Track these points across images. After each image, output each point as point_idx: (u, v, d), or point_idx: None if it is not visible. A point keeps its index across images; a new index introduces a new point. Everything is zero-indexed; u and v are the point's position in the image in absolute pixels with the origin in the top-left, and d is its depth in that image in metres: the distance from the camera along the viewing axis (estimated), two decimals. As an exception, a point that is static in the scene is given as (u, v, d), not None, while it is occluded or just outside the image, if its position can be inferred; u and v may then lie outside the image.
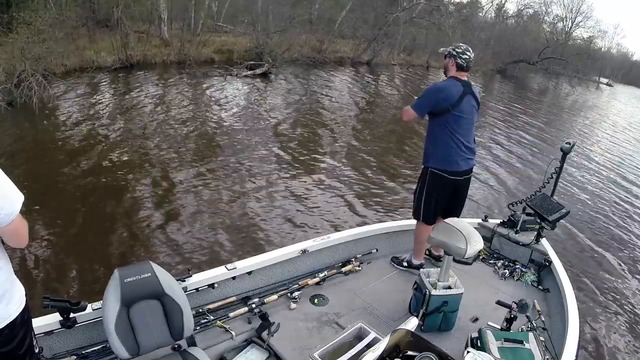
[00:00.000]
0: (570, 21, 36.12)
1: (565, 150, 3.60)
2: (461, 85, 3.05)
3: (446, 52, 3.14)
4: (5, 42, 9.41)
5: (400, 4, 22.31)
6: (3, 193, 1.37)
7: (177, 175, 6.28)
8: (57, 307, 2.06)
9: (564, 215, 3.49)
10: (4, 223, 1.38)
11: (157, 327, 2.05)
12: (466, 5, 32.58)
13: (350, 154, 8.32)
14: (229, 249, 4.64)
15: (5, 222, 1.38)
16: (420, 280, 2.80)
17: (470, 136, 3.15)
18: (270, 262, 2.96)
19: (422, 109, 3.11)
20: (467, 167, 3.17)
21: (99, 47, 13.30)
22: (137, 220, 5.01)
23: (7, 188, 1.39)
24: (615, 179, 9.94)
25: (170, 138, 7.82)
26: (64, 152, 6.68)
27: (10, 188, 1.41)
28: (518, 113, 16.41)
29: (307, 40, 19.78)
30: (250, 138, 8.35)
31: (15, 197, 1.41)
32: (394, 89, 17.59)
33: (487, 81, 25.07)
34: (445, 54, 3.14)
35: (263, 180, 6.45)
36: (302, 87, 14.63)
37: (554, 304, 3.13)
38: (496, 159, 9.44)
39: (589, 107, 24.64)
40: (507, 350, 2.26)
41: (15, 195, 1.42)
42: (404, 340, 2.02)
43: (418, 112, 3.11)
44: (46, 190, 5.40)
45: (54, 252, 4.22)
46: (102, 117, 8.67)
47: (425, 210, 3.25)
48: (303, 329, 2.69)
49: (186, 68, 13.90)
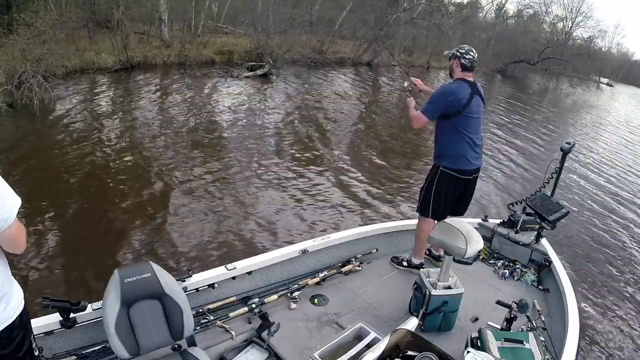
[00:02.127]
0: (571, 21, 36.06)
1: (566, 150, 3.61)
2: (468, 87, 3.07)
3: (450, 54, 3.17)
4: (5, 43, 9.44)
5: (401, 4, 22.31)
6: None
7: (178, 175, 6.28)
8: (57, 307, 2.06)
9: (564, 215, 3.49)
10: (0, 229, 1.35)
11: (157, 327, 2.05)
12: (466, 6, 32.58)
13: (350, 154, 8.32)
14: (229, 248, 4.64)
15: (1, 229, 1.35)
16: (420, 280, 2.80)
17: (478, 134, 3.18)
18: (270, 262, 2.96)
19: (432, 114, 3.13)
20: (477, 165, 3.21)
21: (99, 49, 13.34)
22: (138, 220, 5.01)
23: (3, 195, 1.35)
24: (616, 178, 9.92)
25: (171, 139, 7.83)
26: (64, 153, 6.68)
27: (6, 194, 1.37)
28: (518, 113, 16.39)
29: (307, 41, 19.81)
30: (251, 139, 8.36)
31: (11, 203, 1.37)
32: (395, 89, 17.58)
33: (488, 81, 25.04)
34: (450, 55, 3.17)
35: (264, 181, 6.45)
36: (302, 88, 14.63)
37: (554, 304, 3.13)
38: (496, 159, 9.44)
39: (590, 107, 24.60)
40: (507, 350, 2.26)
41: (11, 201, 1.38)
42: (404, 340, 2.02)
43: (429, 116, 3.14)
44: (46, 191, 5.39)
45: (54, 252, 4.22)
46: (102, 118, 8.68)
47: (434, 208, 3.26)
48: (303, 329, 2.69)
49: (187, 69, 13.90)
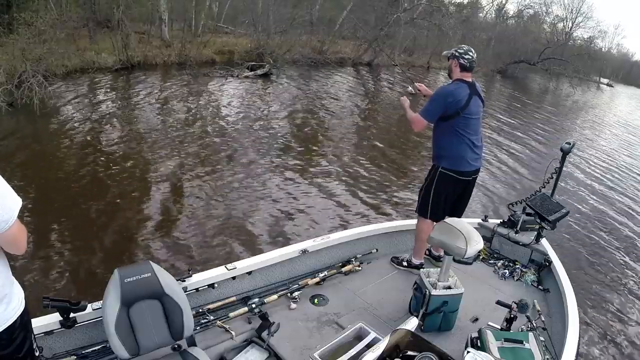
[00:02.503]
0: (571, 22, 36.07)
1: (565, 150, 3.60)
2: (467, 87, 3.05)
3: (449, 54, 3.15)
4: (6, 42, 9.43)
5: (401, 4, 22.30)
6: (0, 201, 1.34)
7: (178, 175, 6.28)
8: (57, 307, 2.06)
9: (564, 215, 3.49)
10: (0, 230, 1.35)
11: (157, 327, 2.05)
12: (467, 6, 32.57)
13: (351, 154, 8.32)
14: (229, 248, 4.64)
15: (2, 230, 1.35)
16: (420, 280, 2.80)
17: (478, 135, 3.16)
18: (270, 262, 2.96)
19: (432, 116, 3.11)
20: (476, 167, 3.20)
21: (99, 48, 13.35)
22: (138, 220, 5.02)
23: (3, 195, 1.35)
24: (616, 178, 9.92)
25: (171, 139, 7.83)
26: (64, 153, 6.68)
27: (7, 194, 1.37)
28: (518, 113, 16.39)
29: (307, 41, 19.81)
30: (251, 139, 8.36)
31: (12, 203, 1.38)
32: (396, 90, 17.58)
33: (488, 82, 25.04)
34: (448, 56, 3.15)
35: (264, 180, 6.45)
36: (303, 88, 14.63)
37: (554, 304, 3.13)
38: (496, 159, 9.44)
39: (590, 107, 24.61)
40: (507, 350, 2.26)
41: (12, 201, 1.38)
42: (404, 340, 2.02)
43: (428, 119, 3.12)
44: (46, 191, 5.39)
45: (54, 252, 4.23)
46: (102, 118, 8.68)
47: (433, 208, 3.25)
48: (303, 329, 2.68)
49: (187, 69, 13.89)
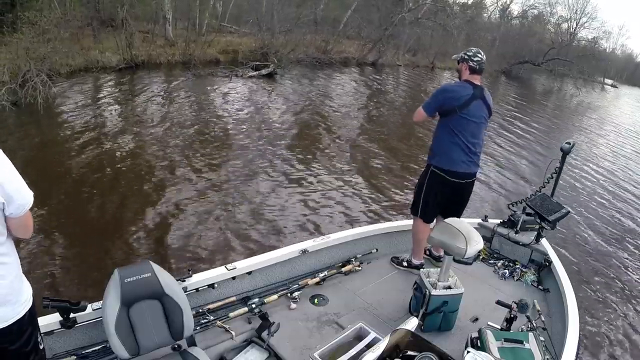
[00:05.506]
0: (575, 22, 35.99)
1: (566, 150, 3.60)
2: (471, 89, 3.05)
3: (458, 57, 3.18)
4: (10, 42, 9.44)
5: (406, 4, 22.29)
6: (16, 187, 1.48)
7: (180, 175, 6.30)
8: (57, 307, 2.07)
9: (564, 215, 3.49)
10: (18, 214, 1.50)
11: (157, 327, 2.05)
12: (471, 6, 32.51)
13: (354, 154, 8.32)
14: (229, 249, 4.65)
15: (19, 213, 1.50)
16: (420, 280, 2.80)
17: (476, 140, 3.13)
18: (270, 262, 2.97)
19: (429, 108, 3.16)
20: (469, 170, 3.16)
21: (103, 47, 13.34)
22: (138, 220, 5.02)
23: (20, 183, 1.50)
24: (616, 178, 9.90)
25: (175, 138, 7.84)
26: (67, 152, 6.71)
27: (22, 183, 1.52)
28: (521, 114, 16.34)
29: (312, 41, 19.78)
30: (255, 139, 8.36)
31: (27, 190, 1.53)
32: (400, 90, 17.56)
33: (492, 82, 24.98)
34: (458, 59, 3.17)
35: (266, 180, 6.46)
36: (307, 88, 14.63)
37: (554, 304, 3.13)
38: (497, 159, 9.42)
39: (593, 108, 24.52)
40: (507, 350, 2.26)
41: (27, 189, 1.53)
42: (404, 340, 2.02)
43: (426, 111, 3.17)
44: (49, 190, 5.41)
45: (55, 252, 4.24)
46: (106, 117, 8.71)
47: (423, 207, 3.29)
48: (303, 329, 2.69)
49: (191, 68, 13.91)
